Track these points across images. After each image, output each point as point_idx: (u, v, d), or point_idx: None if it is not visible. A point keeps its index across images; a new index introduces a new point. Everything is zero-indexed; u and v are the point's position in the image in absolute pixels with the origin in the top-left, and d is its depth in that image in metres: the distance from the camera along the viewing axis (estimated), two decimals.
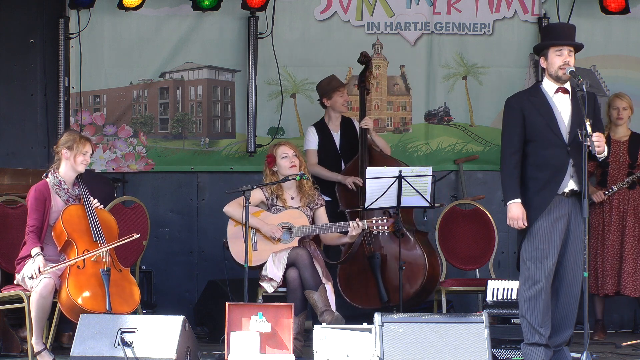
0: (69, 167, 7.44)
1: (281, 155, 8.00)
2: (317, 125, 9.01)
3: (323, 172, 8.80)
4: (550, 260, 6.71)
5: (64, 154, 7.42)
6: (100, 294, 7.09)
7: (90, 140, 7.58)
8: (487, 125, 9.70)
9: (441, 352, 6.76)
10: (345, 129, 8.99)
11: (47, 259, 7.20)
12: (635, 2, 9.56)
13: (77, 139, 7.45)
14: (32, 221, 7.31)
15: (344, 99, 8.94)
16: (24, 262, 7.26)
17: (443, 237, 8.56)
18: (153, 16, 9.50)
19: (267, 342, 7.12)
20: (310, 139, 8.94)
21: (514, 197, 6.76)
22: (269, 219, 7.93)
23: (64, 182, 7.43)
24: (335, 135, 8.98)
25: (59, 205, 7.38)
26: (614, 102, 8.96)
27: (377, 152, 8.80)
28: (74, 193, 7.46)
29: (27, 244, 7.27)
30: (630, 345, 8.34)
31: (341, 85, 8.97)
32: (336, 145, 8.95)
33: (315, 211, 8.06)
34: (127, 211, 8.14)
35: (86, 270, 7.16)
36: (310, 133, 8.95)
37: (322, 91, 8.95)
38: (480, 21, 9.65)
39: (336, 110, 8.95)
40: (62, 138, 7.50)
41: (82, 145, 7.42)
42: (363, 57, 9.00)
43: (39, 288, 7.06)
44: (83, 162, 7.44)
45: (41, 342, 7.14)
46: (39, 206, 7.32)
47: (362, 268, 8.48)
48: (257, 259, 7.84)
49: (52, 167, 7.49)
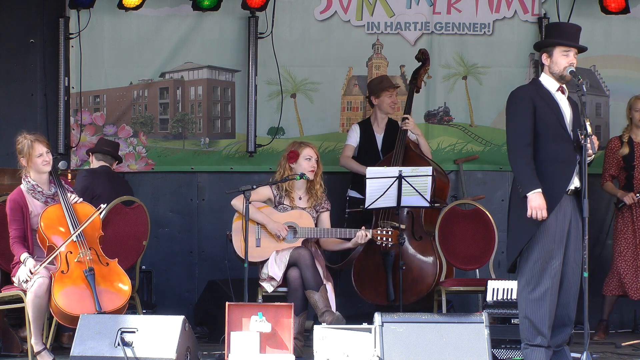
0: (34, 171, 7.39)
1: (306, 156, 8.01)
2: (362, 124, 9.03)
3: (352, 165, 8.87)
4: (557, 261, 6.67)
5: (22, 162, 7.39)
6: (88, 295, 7.07)
7: (40, 139, 7.42)
8: (487, 125, 9.70)
9: (441, 352, 6.76)
10: (390, 131, 8.97)
11: (38, 259, 7.20)
12: (635, 2, 9.56)
13: (24, 144, 7.35)
14: (13, 232, 7.30)
15: (392, 99, 8.94)
16: (18, 266, 7.26)
17: (443, 237, 8.56)
18: (153, 16, 9.50)
19: (267, 342, 7.12)
20: (352, 135, 9.00)
21: (535, 187, 6.57)
22: (274, 216, 7.93)
23: (38, 185, 7.39)
24: (378, 137, 8.98)
25: (38, 209, 7.34)
26: (636, 104, 8.91)
27: (414, 152, 8.76)
28: (50, 193, 7.41)
29: (15, 253, 7.26)
30: (630, 345, 8.34)
31: (392, 86, 8.98)
32: (377, 146, 8.96)
33: (320, 214, 8.06)
34: (127, 211, 8.13)
35: (71, 274, 7.12)
36: (353, 130, 9.02)
37: (372, 89, 8.98)
38: (480, 21, 9.65)
39: (382, 110, 8.96)
40: (16, 145, 7.41)
41: (33, 149, 7.34)
42: (421, 54, 9.02)
43: (33, 288, 7.04)
44: (43, 163, 7.36)
45: (41, 342, 7.13)
46: (16, 215, 7.30)
47: (377, 263, 8.51)
48: (259, 254, 7.84)
49: (24, 172, 7.44)
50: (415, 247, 8.52)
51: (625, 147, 8.89)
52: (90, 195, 8.14)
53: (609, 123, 9.62)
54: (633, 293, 8.81)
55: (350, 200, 8.87)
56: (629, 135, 8.93)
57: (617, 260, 8.85)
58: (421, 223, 8.57)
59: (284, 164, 8.06)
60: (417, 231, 8.57)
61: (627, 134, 8.95)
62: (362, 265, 8.59)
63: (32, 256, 7.21)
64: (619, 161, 8.91)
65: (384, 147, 8.96)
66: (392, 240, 7.84)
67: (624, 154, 8.88)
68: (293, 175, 7.93)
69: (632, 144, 8.91)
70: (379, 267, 8.50)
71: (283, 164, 8.07)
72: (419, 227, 8.57)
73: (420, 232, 8.55)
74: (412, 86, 9.02)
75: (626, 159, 8.89)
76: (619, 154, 8.90)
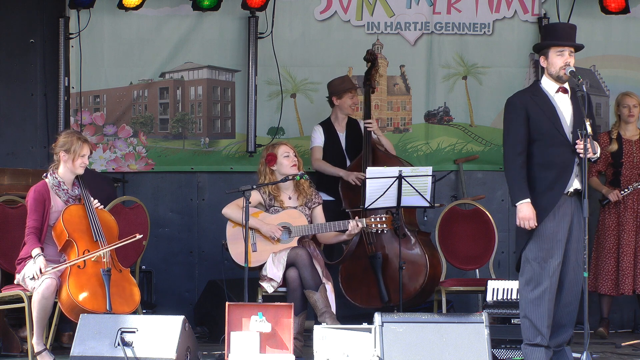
0: (67, 169, 7.42)
1: (283, 154, 8.01)
2: (324, 124, 9.03)
3: (326, 168, 8.83)
4: (555, 261, 6.70)
5: (62, 157, 7.40)
6: (101, 293, 7.09)
7: (88, 141, 7.53)
8: (487, 125, 9.70)
9: (441, 352, 6.76)
10: (351, 130, 9.00)
11: (47, 259, 7.19)
12: (635, 2, 9.56)
13: (74, 141, 7.39)
14: (31, 222, 7.30)
15: (353, 101, 8.96)
16: (25, 262, 7.26)
17: (443, 237, 8.56)
18: (153, 16, 9.49)
19: (267, 342, 7.12)
20: (317, 136, 8.97)
21: (523, 197, 6.69)
22: (268, 219, 7.93)
23: (64, 183, 7.42)
24: (341, 135, 9.00)
25: (59, 206, 7.37)
26: (623, 100, 8.95)
27: (382, 151, 8.81)
28: (73, 193, 7.45)
29: (27, 245, 7.26)
30: (630, 345, 8.34)
31: (353, 87, 8.99)
32: (342, 145, 8.97)
33: (313, 210, 8.06)
34: (127, 211, 8.14)
35: (87, 270, 7.16)
36: (316, 131, 8.99)
37: (334, 90, 8.97)
38: (480, 21, 9.65)
39: (344, 111, 8.97)
40: (60, 139, 7.44)
41: (80, 148, 7.39)
42: (369, 54, 9.01)
43: (41, 289, 7.05)
44: (81, 164, 7.41)
45: (42, 342, 7.13)
46: (38, 207, 7.31)
47: (363, 267, 8.48)
48: (256, 259, 7.84)
49: (51, 167, 7.47)
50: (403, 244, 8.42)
51: (614, 144, 8.91)
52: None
53: (609, 123, 9.61)
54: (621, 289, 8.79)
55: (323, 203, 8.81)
56: (618, 132, 8.95)
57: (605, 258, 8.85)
58: (402, 221, 8.49)
59: (264, 170, 8.03)
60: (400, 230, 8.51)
61: (615, 131, 8.98)
62: (348, 271, 8.53)
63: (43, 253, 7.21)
64: (607, 157, 8.92)
65: (348, 146, 8.95)
66: (387, 225, 7.83)
67: (613, 151, 8.90)
68: (293, 175, 7.93)
69: (620, 141, 8.92)
70: (367, 271, 8.47)
71: (263, 170, 8.04)
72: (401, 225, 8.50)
73: (402, 230, 8.48)
74: (367, 88, 8.99)
75: (614, 155, 8.91)
76: (607, 150, 8.90)
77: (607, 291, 8.87)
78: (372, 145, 8.78)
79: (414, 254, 8.45)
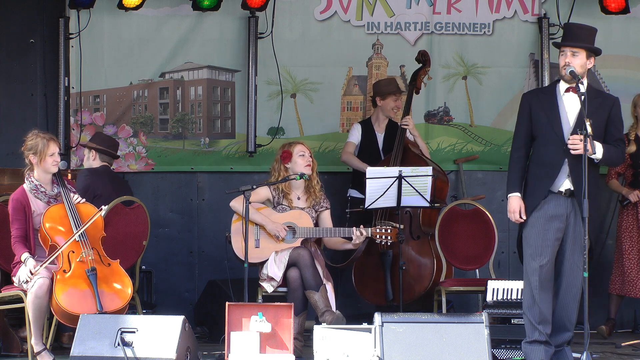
0: (41, 170, 7.39)
1: (299, 153, 8.02)
2: (363, 124, 9.05)
3: (353, 161, 8.89)
4: (544, 258, 6.74)
5: (32, 160, 7.36)
6: (90, 295, 7.07)
7: (54, 138, 7.45)
8: (487, 125, 9.70)
9: (441, 352, 6.76)
10: (390, 131, 9.00)
11: (38, 260, 7.19)
12: (635, 2, 9.56)
13: (39, 142, 7.34)
14: (15, 231, 7.29)
15: (396, 104, 8.97)
16: (18, 266, 7.25)
17: (443, 237, 8.56)
18: (153, 16, 9.49)
19: (267, 342, 7.12)
20: (354, 133, 9.03)
21: (512, 191, 6.86)
22: (273, 216, 7.93)
23: (41, 185, 7.38)
24: (379, 136, 9.01)
25: (41, 209, 7.34)
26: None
27: (413, 152, 8.78)
28: (53, 193, 7.41)
29: (16, 253, 7.25)
30: (630, 345, 8.35)
31: (398, 91, 9.03)
32: (378, 146, 8.99)
33: (320, 214, 8.06)
34: (127, 211, 8.13)
35: (73, 273, 7.12)
36: (354, 128, 9.06)
37: (378, 90, 9.00)
38: (480, 21, 9.65)
39: (385, 112, 8.99)
40: (27, 142, 7.39)
41: (46, 147, 7.33)
42: (421, 55, 9.06)
43: (33, 289, 7.04)
44: (53, 163, 7.35)
45: (41, 342, 7.13)
46: (19, 215, 7.30)
47: (375, 263, 8.52)
48: (258, 255, 7.84)
49: (27, 172, 7.43)
50: (413, 247, 8.52)
51: (633, 145, 8.87)
52: (92, 195, 8.14)
53: None
54: (635, 291, 8.80)
55: (352, 200, 8.88)
56: (636, 133, 8.92)
57: (623, 258, 8.84)
58: (419, 223, 8.57)
59: (278, 167, 8.05)
60: (415, 231, 8.57)
61: (633, 132, 8.94)
62: (362, 265, 8.60)
63: (33, 256, 7.21)
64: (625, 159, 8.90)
65: (385, 147, 8.97)
66: (391, 238, 7.85)
67: (631, 152, 8.87)
68: (293, 175, 7.93)
69: (638, 142, 8.90)
70: (378, 267, 8.51)
71: (277, 167, 8.06)
72: (417, 227, 8.57)
73: (418, 232, 8.56)
74: (411, 87, 9.04)
75: (633, 157, 8.88)
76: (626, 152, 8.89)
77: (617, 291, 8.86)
78: (405, 144, 8.78)
79: (424, 258, 8.49)
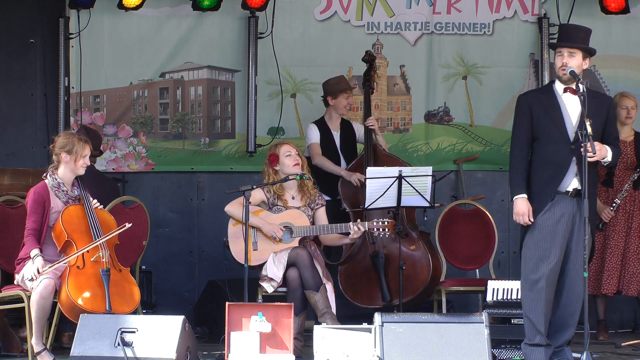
0: (69, 170, 7.41)
1: (285, 153, 8.01)
2: (317, 123, 9.03)
3: (328, 165, 8.83)
4: (553, 260, 6.70)
5: (64, 158, 7.39)
6: (100, 294, 7.09)
7: (89, 141, 7.53)
8: (487, 125, 9.70)
9: (441, 352, 6.76)
10: (345, 130, 9.02)
11: (47, 260, 7.19)
12: (635, 2, 9.56)
13: (75, 142, 7.38)
14: (30, 223, 7.29)
15: (348, 101, 8.97)
16: (24, 262, 7.25)
17: (443, 237, 8.56)
18: (153, 16, 9.50)
19: (267, 342, 7.11)
20: (313, 133, 8.97)
21: (519, 193, 6.76)
22: (270, 218, 7.93)
23: (63, 184, 7.41)
24: (335, 135, 9.01)
25: (59, 207, 7.36)
26: (622, 101, 8.82)
27: (382, 151, 8.82)
28: (73, 194, 7.44)
29: (26, 246, 7.25)
30: (630, 345, 8.34)
31: (349, 88, 9.00)
32: (337, 144, 8.98)
33: (315, 211, 8.06)
34: (127, 211, 8.13)
35: (86, 271, 7.16)
36: (311, 129, 8.99)
37: (329, 89, 8.97)
38: (480, 21, 9.65)
39: (338, 111, 8.98)
40: (60, 140, 7.42)
41: (82, 148, 7.38)
42: (367, 55, 9.03)
43: (39, 289, 7.05)
44: (83, 165, 7.40)
45: (41, 342, 7.13)
46: (37, 208, 7.31)
47: (365, 267, 8.48)
48: (257, 258, 7.84)
49: (51, 168, 7.46)
50: (403, 245, 8.46)
51: None
52: None
53: None
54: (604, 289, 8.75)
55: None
56: None
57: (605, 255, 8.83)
58: (404, 221, 8.51)
59: (267, 170, 8.04)
60: (402, 229, 8.53)
61: None
62: (348, 271, 8.52)
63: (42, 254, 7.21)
64: None
65: (342, 146, 8.96)
66: (389, 230, 7.84)
67: None
68: (293, 175, 7.93)
69: None
70: (369, 270, 8.46)
71: (267, 171, 8.04)
72: (403, 225, 8.52)
73: (405, 230, 8.50)
74: (366, 88, 9.01)
75: None
76: None
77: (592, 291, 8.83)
78: (373, 145, 8.79)
79: (416, 254, 8.46)
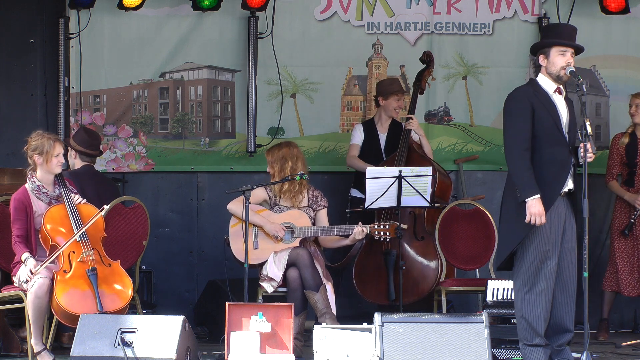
0: (44, 171, 7.37)
1: None
2: (365, 124, 9.06)
3: (360, 165, 8.85)
4: (552, 262, 6.68)
5: (37, 160, 7.35)
6: (90, 295, 7.07)
7: (59, 139, 7.48)
8: (487, 125, 9.70)
9: (441, 352, 6.76)
10: (393, 131, 9.00)
11: (39, 260, 7.19)
12: (635, 2, 9.56)
13: (45, 142, 7.33)
14: (16, 231, 7.29)
15: (398, 104, 8.97)
16: (19, 266, 7.25)
17: (443, 237, 8.56)
18: (153, 16, 9.50)
19: (267, 342, 7.12)
20: (356, 134, 9.03)
21: (534, 193, 6.57)
22: (272, 217, 7.94)
23: (43, 186, 7.37)
24: (381, 136, 9.01)
25: (42, 209, 7.33)
26: (632, 99, 8.90)
27: (418, 152, 8.78)
28: (55, 194, 7.41)
29: (17, 253, 7.25)
30: (630, 345, 8.35)
31: (401, 90, 9.03)
32: (381, 146, 8.99)
33: (317, 212, 8.07)
34: (127, 211, 8.13)
35: (73, 273, 7.12)
36: (356, 129, 9.05)
37: (381, 89, 9.00)
38: (480, 21, 9.65)
39: (387, 112, 8.99)
40: (31, 142, 7.37)
41: (52, 147, 7.33)
42: (426, 56, 9.08)
43: (33, 289, 7.04)
44: (57, 164, 7.35)
45: (41, 342, 7.13)
46: (20, 215, 7.29)
47: (378, 262, 8.50)
48: (257, 257, 7.84)
49: (29, 171, 7.42)
50: (416, 248, 8.51)
51: (626, 137, 8.88)
52: None
53: (609, 123, 9.62)
54: (628, 290, 8.81)
55: (352, 199, 8.87)
56: (633, 130, 8.93)
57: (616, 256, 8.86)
58: (423, 223, 8.56)
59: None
60: (419, 232, 8.56)
61: (631, 129, 8.94)
62: (363, 264, 8.59)
63: (34, 256, 7.21)
64: (621, 157, 8.90)
65: (387, 147, 8.97)
66: (389, 234, 7.84)
67: (624, 144, 8.87)
68: (293, 175, 7.93)
69: (635, 139, 8.89)
70: (380, 266, 8.50)
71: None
72: (421, 227, 8.56)
73: (422, 233, 8.54)
74: (416, 88, 9.05)
75: (628, 155, 8.88)
76: (620, 143, 8.89)
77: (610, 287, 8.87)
78: (410, 144, 8.77)
79: (427, 259, 8.48)
